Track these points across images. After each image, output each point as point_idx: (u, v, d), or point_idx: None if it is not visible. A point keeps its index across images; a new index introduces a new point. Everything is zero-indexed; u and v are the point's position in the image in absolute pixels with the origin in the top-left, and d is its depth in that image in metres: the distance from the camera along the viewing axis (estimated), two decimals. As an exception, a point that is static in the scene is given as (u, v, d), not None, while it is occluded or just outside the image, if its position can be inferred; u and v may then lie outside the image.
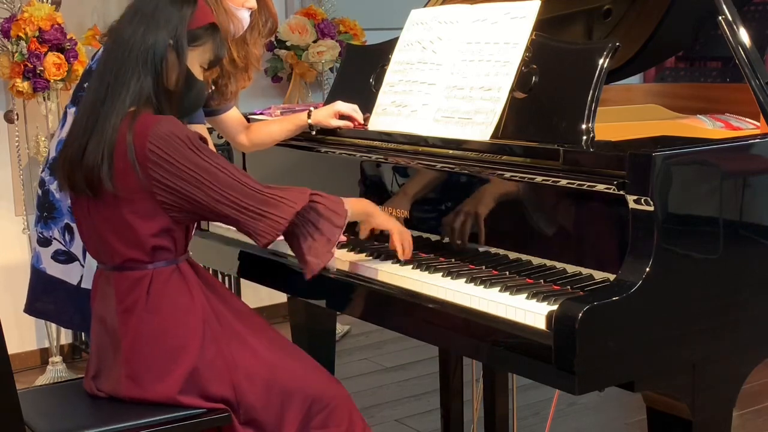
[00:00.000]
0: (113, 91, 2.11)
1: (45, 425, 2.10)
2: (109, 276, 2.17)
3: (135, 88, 2.11)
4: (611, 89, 2.94)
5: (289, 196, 2.12)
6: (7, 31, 3.87)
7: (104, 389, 2.17)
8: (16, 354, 4.04)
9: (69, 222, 2.48)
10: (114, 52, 2.15)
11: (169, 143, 2.05)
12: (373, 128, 2.49)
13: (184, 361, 2.10)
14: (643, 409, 2.03)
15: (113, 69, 2.13)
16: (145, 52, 2.11)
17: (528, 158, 2.09)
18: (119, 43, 2.15)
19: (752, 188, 2.00)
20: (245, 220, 2.10)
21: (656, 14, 2.75)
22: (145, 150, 2.04)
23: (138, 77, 2.11)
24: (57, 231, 2.50)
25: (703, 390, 1.93)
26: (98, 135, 2.09)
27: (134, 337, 2.11)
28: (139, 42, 2.12)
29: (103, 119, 2.10)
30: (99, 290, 2.21)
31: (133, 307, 2.12)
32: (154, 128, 2.05)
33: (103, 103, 2.11)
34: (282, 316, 4.60)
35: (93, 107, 2.13)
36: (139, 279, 2.12)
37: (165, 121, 2.08)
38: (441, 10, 2.50)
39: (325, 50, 4.61)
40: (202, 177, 2.06)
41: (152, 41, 2.12)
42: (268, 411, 2.15)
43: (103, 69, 2.17)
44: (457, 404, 3.02)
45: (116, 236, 2.12)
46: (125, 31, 2.15)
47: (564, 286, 1.95)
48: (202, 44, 2.19)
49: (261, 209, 2.10)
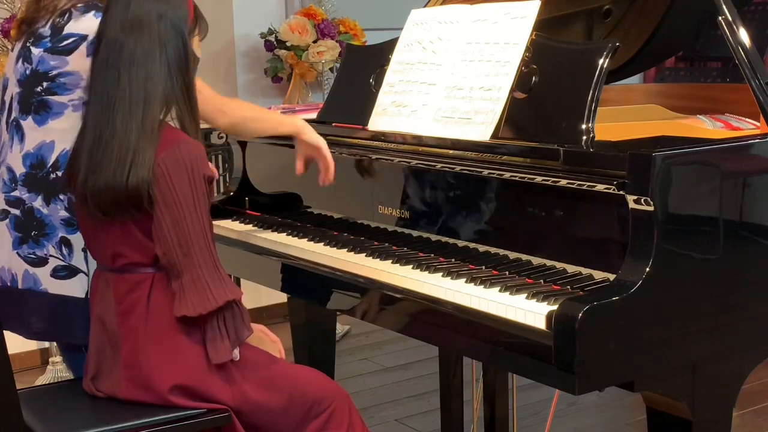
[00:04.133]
0: (149, 113, 2.05)
1: (45, 425, 2.10)
2: (108, 278, 2.16)
3: (163, 103, 2.07)
4: (611, 89, 2.94)
5: (229, 284, 2.08)
6: (7, 31, 3.87)
7: (103, 390, 2.17)
8: (16, 354, 4.02)
9: (64, 234, 2.33)
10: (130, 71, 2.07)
11: (177, 166, 2.03)
12: (373, 128, 2.50)
13: (184, 365, 2.10)
14: (643, 409, 2.03)
15: (139, 89, 2.06)
16: (168, 62, 2.08)
17: (528, 158, 2.09)
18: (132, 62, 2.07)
19: (752, 188, 2.00)
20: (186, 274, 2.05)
21: (656, 14, 2.76)
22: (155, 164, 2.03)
23: (169, 89, 2.07)
24: (52, 247, 2.33)
25: (703, 390, 1.93)
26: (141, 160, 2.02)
27: (134, 338, 2.11)
28: (159, 55, 2.07)
29: (142, 142, 2.03)
30: (98, 291, 2.20)
31: (133, 308, 2.11)
32: (173, 148, 2.03)
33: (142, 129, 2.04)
34: (282, 316, 4.60)
35: (126, 131, 2.04)
36: (140, 281, 2.11)
37: (185, 146, 2.05)
38: (441, 10, 2.50)
39: (325, 50, 4.61)
40: (179, 209, 2.03)
41: (172, 50, 2.09)
42: (267, 413, 2.14)
43: (122, 92, 2.07)
44: (457, 404, 3.02)
45: (123, 243, 2.10)
46: (134, 49, 2.07)
47: (564, 286, 1.95)
48: (197, 29, 2.21)
49: (205, 277, 2.05)
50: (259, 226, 2.72)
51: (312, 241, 2.49)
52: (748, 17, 3.25)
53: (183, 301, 2.05)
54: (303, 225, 2.66)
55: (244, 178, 2.93)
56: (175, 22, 2.11)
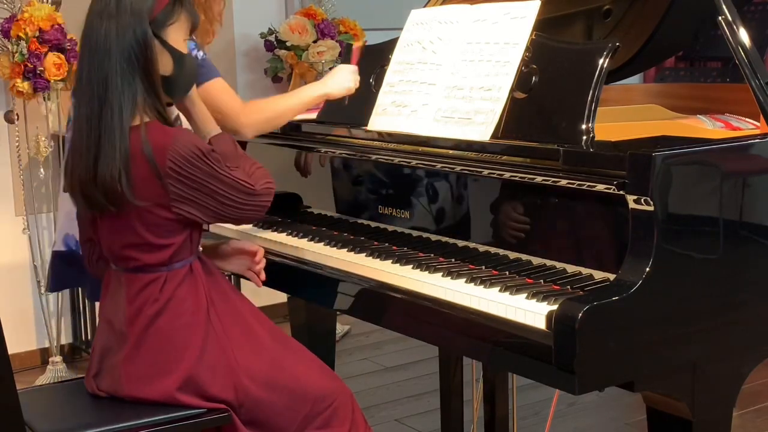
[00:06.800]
0: (107, 103, 2.05)
1: (45, 425, 2.10)
2: (121, 277, 2.16)
3: (128, 94, 2.05)
4: (611, 89, 2.93)
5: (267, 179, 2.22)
6: (7, 31, 3.87)
7: (104, 387, 2.17)
8: (16, 354, 4.03)
9: None
10: (93, 61, 2.07)
11: (188, 160, 2.04)
12: (373, 128, 2.49)
13: (186, 360, 2.10)
14: (643, 409, 2.03)
15: (98, 79, 2.06)
16: (126, 51, 2.05)
17: (528, 158, 2.09)
18: (95, 50, 2.07)
19: (752, 188, 2.00)
20: (240, 215, 2.19)
21: (656, 14, 2.75)
22: (166, 167, 2.03)
23: (127, 80, 2.05)
24: None
25: (703, 390, 1.93)
26: (106, 152, 2.04)
27: (140, 336, 2.11)
28: (116, 42, 2.05)
29: (107, 135, 2.04)
30: (109, 291, 2.20)
31: (143, 307, 2.12)
32: (172, 145, 2.04)
33: (101, 119, 2.05)
34: (282, 316, 4.60)
35: (89, 123, 2.07)
36: (153, 281, 2.12)
37: (181, 137, 2.06)
38: (441, 10, 2.50)
39: (325, 50, 4.61)
40: (216, 187, 2.09)
41: (130, 36, 2.05)
42: (270, 410, 2.15)
43: (87, 81, 2.08)
44: (457, 404, 3.02)
45: (135, 247, 2.11)
46: (97, 36, 2.07)
47: (564, 286, 1.95)
48: (177, 19, 2.13)
49: (255, 203, 2.17)
50: (259, 226, 2.72)
51: (312, 241, 2.49)
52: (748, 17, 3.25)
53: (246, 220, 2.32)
54: (303, 225, 2.66)
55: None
56: (135, 7, 2.07)
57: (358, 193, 2.56)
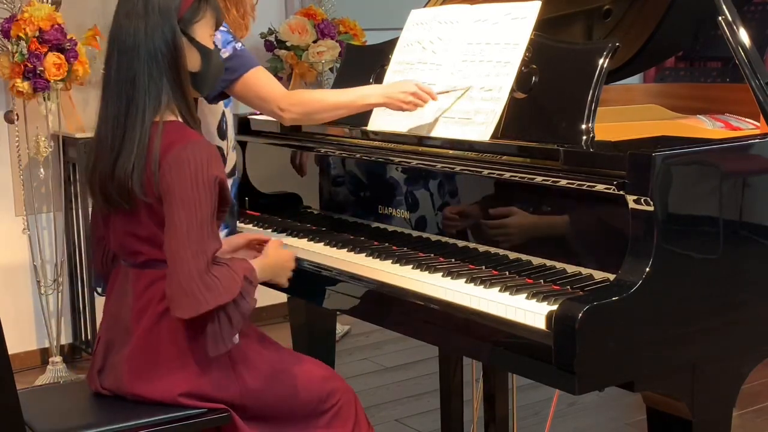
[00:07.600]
0: (134, 102, 2.07)
1: (45, 425, 2.10)
2: (128, 272, 2.16)
3: (154, 93, 2.07)
4: (611, 89, 2.94)
5: (224, 283, 2.03)
6: (7, 31, 3.87)
7: (107, 385, 2.17)
8: (16, 354, 4.03)
9: None
10: (122, 61, 2.10)
11: (181, 166, 2.02)
12: (373, 128, 2.49)
13: (190, 359, 2.10)
14: (643, 409, 2.03)
15: (127, 79, 2.08)
16: (154, 50, 2.07)
17: (528, 158, 2.09)
18: (123, 50, 2.09)
19: (752, 188, 2.00)
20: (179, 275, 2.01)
21: (656, 14, 2.75)
22: (162, 162, 2.04)
23: (154, 79, 2.07)
24: None
25: (703, 390, 1.93)
26: (127, 149, 2.05)
27: (146, 333, 2.11)
28: (144, 42, 2.07)
29: (130, 132, 2.06)
30: (116, 287, 2.20)
31: (149, 304, 2.12)
32: (178, 148, 2.03)
33: (126, 117, 2.07)
34: (282, 316, 4.60)
35: (116, 122, 2.08)
36: (161, 278, 2.11)
37: (191, 145, 2.04)
38: (441, 10, 2.50)
39: (325, 50, 4.61)
40: (177, 209, 2.01)
41: (158, 36, 2.07)
42: (274, 409, 2.15)
43: (115, 81, 2.10)
44: (457, 404, 3.02)
45: (142, 240, 2.11)
46: (125, 36, 2.09)
47: (564, 286, 1.95)
48: (203, 16, 2.15)
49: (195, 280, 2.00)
50: (259, 226, 2.72)
51: (312, 241, 2.50)
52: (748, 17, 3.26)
53: (176, 307, 2.02)
54: (303, 225, 2.66)
55: (244, 178, 2.93)
56: (163, 7, 2.09)
57: (358, 193, 2.56)
